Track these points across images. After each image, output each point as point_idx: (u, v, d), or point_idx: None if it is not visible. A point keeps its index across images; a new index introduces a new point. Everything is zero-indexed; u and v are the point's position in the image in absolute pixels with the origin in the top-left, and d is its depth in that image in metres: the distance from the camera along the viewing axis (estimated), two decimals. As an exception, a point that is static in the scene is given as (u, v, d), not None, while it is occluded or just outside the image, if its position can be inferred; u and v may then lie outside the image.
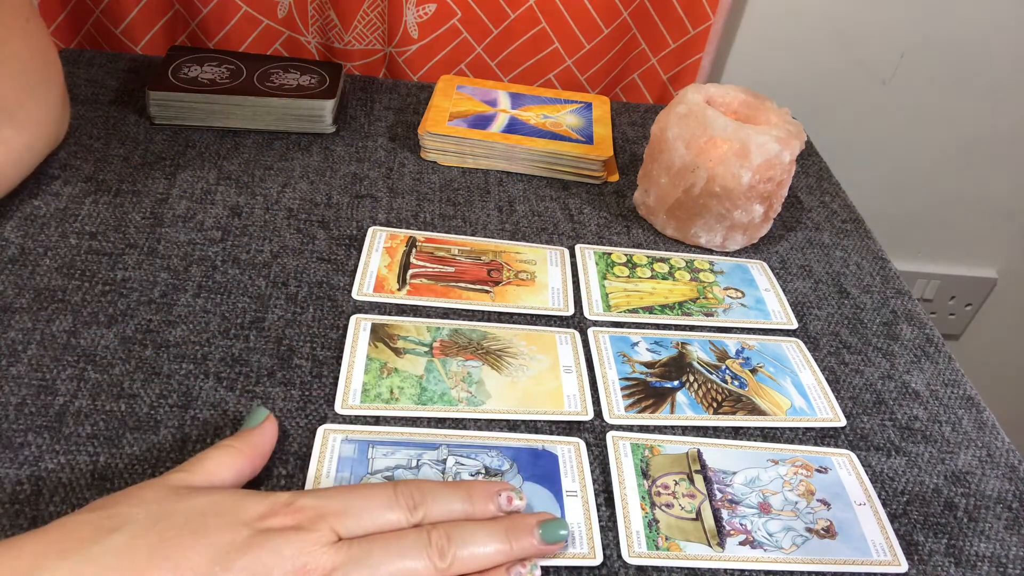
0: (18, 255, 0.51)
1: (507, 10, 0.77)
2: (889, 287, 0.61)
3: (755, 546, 0.41)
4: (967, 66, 0.88)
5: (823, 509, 0.44)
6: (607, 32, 0.79)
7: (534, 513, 0.39)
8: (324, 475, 0.41)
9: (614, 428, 0.46)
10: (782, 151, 0.57)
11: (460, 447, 0.44)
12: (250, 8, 0.74)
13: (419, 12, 0.76)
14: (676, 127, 0.59)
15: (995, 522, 0.45)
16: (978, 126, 0.92)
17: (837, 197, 0.71)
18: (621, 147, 0.73)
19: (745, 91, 0.63)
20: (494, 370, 0.49)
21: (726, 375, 0.51)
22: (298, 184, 0.62)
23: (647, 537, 0.41)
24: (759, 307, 0.57)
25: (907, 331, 0.57)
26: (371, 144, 0.68)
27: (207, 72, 0.67)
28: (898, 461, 0.47)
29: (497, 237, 0.60)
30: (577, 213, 0.64)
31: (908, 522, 0.44)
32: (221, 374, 0.46)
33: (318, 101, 0.66)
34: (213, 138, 0.65)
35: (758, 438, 0.47)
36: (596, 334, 0.52)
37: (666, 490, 0.43)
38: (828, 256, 0.64)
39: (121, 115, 0.66)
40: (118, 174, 0.59)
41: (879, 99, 0.90)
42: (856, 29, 0.84)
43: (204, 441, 0.42)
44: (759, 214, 0.60)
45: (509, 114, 0.71)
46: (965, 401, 0.52)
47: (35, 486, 0.39)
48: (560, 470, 0.43)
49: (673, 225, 0.62)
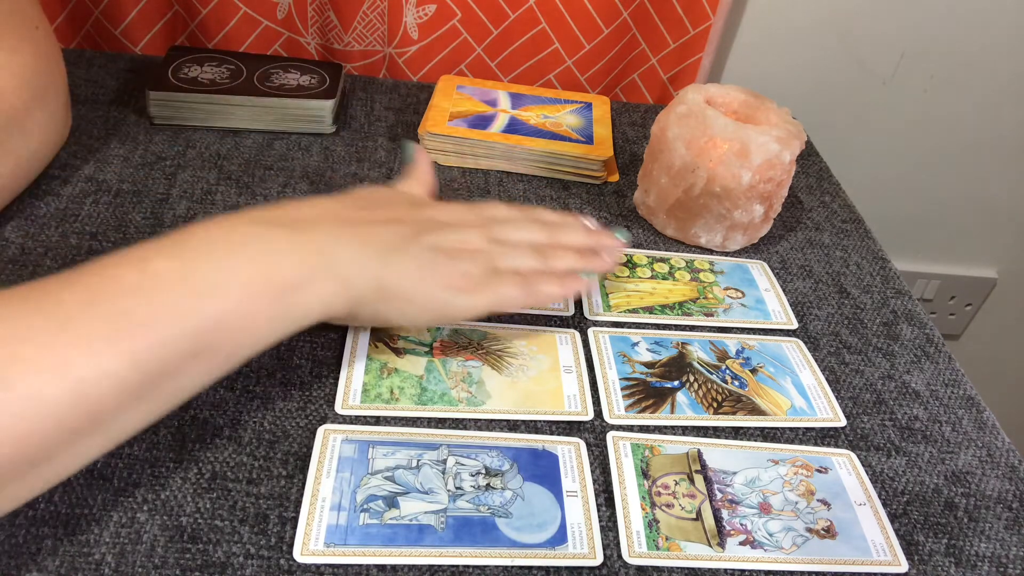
0: (18, 255, 0.51)
1: (507, 10, 0.77)
2: (889, 287, 0.61)
3: (755, 546, 0.41)
4: (967, 66, 0.88)
5: (823, 509, 0.44)
6: (607, 32, 0.79)
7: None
8: (324, 475, 0.41)
9: (614, 428, 0.46)
10: (782, 151, 0.57)
11: (460, 447, 0.44)
12: (249, 9, 0.74)
13: (419, 13, 0.76)
14: (676, 127, 0.59)
15: (995, 522, 0.45)
16: (978, 126, 0.92)
17: (837, 197, 0.71)
18: (621, 147, 0.73)
19: (745, 91, 0.63)
20: (494, 370, 0.49)
21: (726, 375, 0.51)
22: (298, 184, 0.62)
23: (647, 537, 0.41)
24: (759, 307, 0.57)
25: (907, 331, 0.57)
26: (371, 144, 0.68)
27: (207, 72, 0.67)
28: (898, 461, 0.47)
29: (497, 237, 0.60)
30: (577, 213, 0.64)
31: (908, 522, 0.44)
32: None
33: (318, 101, 0.66)
34: (213, 138, 0.65)
35: (758, 438, 0.47)
36: (596, 334, 0.52)
37: (666, 490, 0.43)
38: (828, 256, 0.64)
39: (121, 115, 0.66)
40: (118, 174, 0.59)
41: (879, 99, 0.90)
42: (856, 29, 0.84)
43: (204, 441, 0.42)
44: (759, 214, 0.60)
45: (509, 114, 0.71)
46: (965, 401, 0.52)
47: (35, 486, 0.39)
48: (560, 470, 0.43)
49: (673, 225, 0.62)
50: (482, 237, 0.47)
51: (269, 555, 0.38)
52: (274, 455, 0.42)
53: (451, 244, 0.46)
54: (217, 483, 0.40)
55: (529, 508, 0.41)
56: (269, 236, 0.40)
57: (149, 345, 0.34)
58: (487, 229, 0.48)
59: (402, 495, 0.41)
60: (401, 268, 0.43)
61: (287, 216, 0.42)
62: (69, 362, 0.32)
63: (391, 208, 0.47)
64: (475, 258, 0.46)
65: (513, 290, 0.46)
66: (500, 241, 0.48)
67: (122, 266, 0.36)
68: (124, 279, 0.35)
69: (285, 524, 0.39)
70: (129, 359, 0.33)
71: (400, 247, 0.44)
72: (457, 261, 0.45)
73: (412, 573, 0.38)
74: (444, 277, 0.44)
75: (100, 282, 0.35)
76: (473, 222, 0.49)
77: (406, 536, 0.39)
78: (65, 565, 0.36)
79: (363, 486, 0.41)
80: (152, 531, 0.38)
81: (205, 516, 0.39)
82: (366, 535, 0.39)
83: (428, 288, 0.44)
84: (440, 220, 0.47)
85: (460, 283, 0.45)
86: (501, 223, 0.49)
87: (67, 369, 0.32)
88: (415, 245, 0.44)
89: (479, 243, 0.47)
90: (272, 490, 0.40)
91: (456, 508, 0.41)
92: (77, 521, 0.38)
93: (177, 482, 0.40)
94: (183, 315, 0.35)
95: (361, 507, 0.40)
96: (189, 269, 0.37)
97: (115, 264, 0.36)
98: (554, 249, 0.49)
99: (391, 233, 0.44)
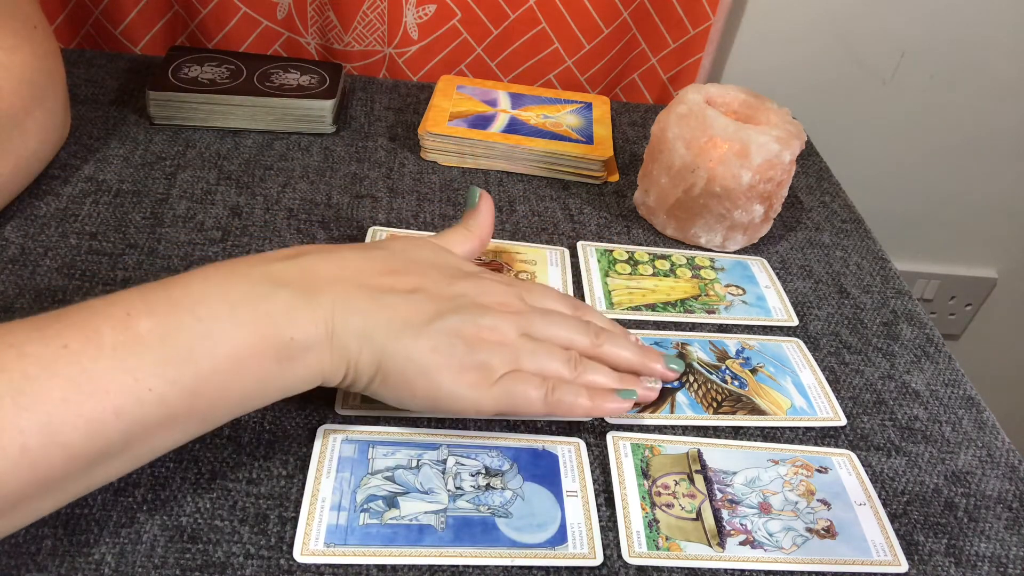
0: (18, 255, 0.51)
1: (507, 10, 0.77)
2: (889, 287, 0.61)
3: (755, 546, 0.41)
4: (967, 66, 0.88)
5: (823, 509, 0.44)
6: (607, 32, 0.79)
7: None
8: (324, 475, 0.41)
9: (614, 428, 0.46)
10: (782, 151, 0.57)
11: (460, 447, 0.44)
12: (249, 9, 0.74)
13: (419, 13, 0.76)
14: (676, 127, 0.59)
15: (995, 522, 0.45)
16: (978, 126, 0.92)
17: (837, 197, 0.71)
18: (621, 147, 0.73)
19: (745, 91, 0.63)
20: (494, 370, 0.48)
21: (726, 375, 0.51)
22: (298, 184, 0.62)
23: (647, 537, 0.41)
24: (760, 304, 0.57)
25: (907, 331, 0.57)
26: (371, 144, 0.68)
27: (207, 72, 0.67)
28: (898, 461, 0.47)
29: (497, 237, 0.60)
30: (577, 213, 0.64)
31: (908, 522, 0.44)
32: (221, 374, 0.46)
33: (318, 101, 0.66)
34: (213, 138, 0.65)
35: (758, 438, 0.47)
36: (596, 334, 0.52)
37: (666, 490, 0.43)
38: (828, 256, 0.64)
39: (121, 115, 0.66)
40: (118, 174, 0.59)
41: (879, 99, 0.90)
42: (856, 29, 0.84)
43: (204, 441, 0.42)
44: (759, 214, 0.60)
45: (509, 114, 0.71)
46: (965, 401, 0.52)
47: (35, 486, 0.39)
48: (560, 470, 0.43)
49: (673, 225, 0.62)
50: (516, 328, 0.42)
51: (269, 555, 0.38)
52: (274, 455, 0.42)
53: (477, 331, 0.41)
54: (217, 483, 0.40)
55: (529, 508, 0.41)
56: (273, 298, 0.37)
57: (104, 413, 0.31)
58: (524, 320, 0.43)
59: (402, 495, 0.41)
60: (411, 350, 0.39)
61: (300, 272, 0.39)
62: (21, 430, 0.30)
63: (422, 274, 0.42)
64: (499, 351, 0.41)
65: (532, 392, 0.41)
66: (534, 336, 0.43)
67: (106, 320, 0.33)
68: (103, 337, 0.32)
69: (285, 524, 0.39)
70: (84, 429, 0.31)
71: (417, 326, 0.39)
72: (476, 352, 0.40)
73: (412, 573, 0.38)
74: (456, 368, 0.40)
75: (77, 335, 0.32)
76: (513, 308, 0.43)
77: (406, 536, 0.39)
78: (65, 565, 0.36)
79: (363, 486, 0.41)
80: (152, 531, 0.38)
81: (205, 516, 0.39)
82: (366, 535, 0.39)
83: (435, 376, 0.40)
84: (476, 300, 0.42)
85: (472, 377, 0.40)
86: (543, 316, 0.44)
87: (14, 436, 0.30)
88: (434, 325, 0.40)
89: (510, 334, 0.42)
90: (272, 490, 0.40)
91: (456, 508, 0.41)
92: (77, 521, 0.38)
93: (177, 482, 0.40)
94: (153, 381, 0.33)
95: (361, 507, 0.40)
96: (171, 329, 0.34)
97: (101, 315, 0.33)
98: (591, 360, 0.45)
99: (411, 307, 0.40)
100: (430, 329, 0.40)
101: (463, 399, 0.40)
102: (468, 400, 0.41)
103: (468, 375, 0.40)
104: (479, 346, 0.41)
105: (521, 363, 0.42)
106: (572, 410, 0.43)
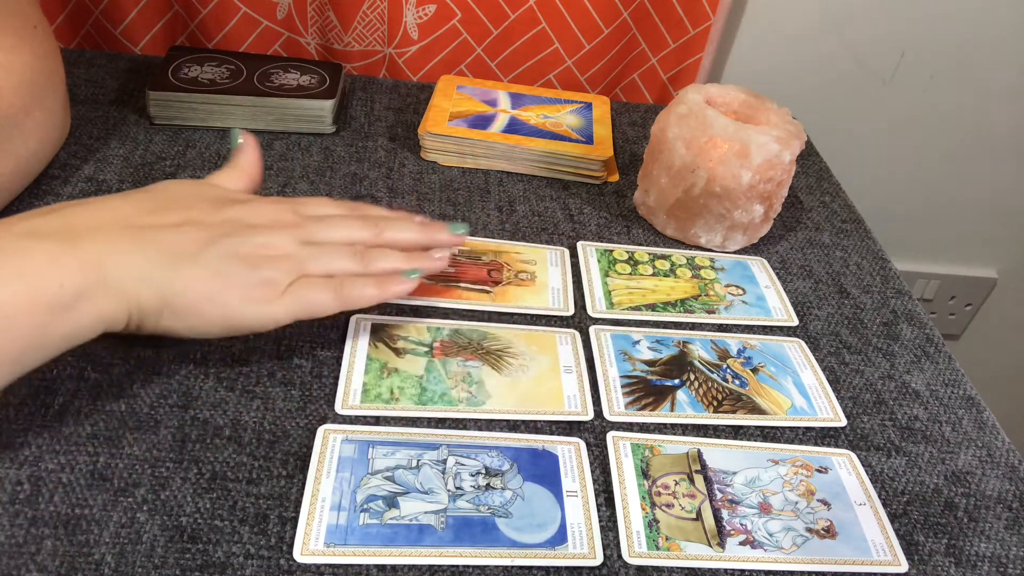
0: (18, 255, 0.51)
1: (507, 10, 0.77)
2: (889, 287, 0.61)
3: (755, 546, 0.41)
4: (967, 66, 0.88)
5: (823, 509, 0.44)
6: (607, 32, 0.79)
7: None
8: (324, 475, 0.41)
9: (614, 427, 0.46)
10: (782, 151, 0.57)
11: (460, 447, 0.44)
12: (249, 9, 0.74)
13: (419, 13, 0.76)
14: (676, 127, 0.59)
15: (995, 522, 0.45)
16: (978, 126, 0.92)
17: (837, 197, 0.71)
18: (621, 147, 0.73)
19: (745, 91, 0.63)
20: (494, 370, 0.49)
21: (727, 374, 0.51)
22: (298, 184, 0.62)
23: (647, 537, 0.41)
24: (760, 304, 0.57)
25: (907, 331, 0.57)
26: (371, 144, 0.68)
27: (207, 72, 0.67)
28: (898, 461, 0.47)
29: (497, 237, 0.60)
30: (577, 213, 0.64)
31: (908, 522, 0.44)
32: (221, 374, 0.46)
33: (318, 101, 0.66)
34: (213, 138, 0.65)
35: (758, 438, 0.47)
36: (598, 332, 0.52)
37: (666, 490, 0.43)
38: (828, 256, 0.64)
39: (121, 115, 0.66)
40: (118, 174, 0.59)
41: (879, 99, 0.90)
42: (856, 29, 0.84)
43: (204, 441, 0.42)
44: (759, 214, 0.60)
45: (509, 114, 0.71)
46: (965, 401, 0.52)
47: (35, 486, 0.39)
48: (560, 470, 0.43)
49: (673, 225, 0.62)
50: (293, 239, 0.44)
51: (269, 555, 0.38)
52: (274, 455, 0.42)
53: (253, 249, 0.42)
54: (217, 483, 0.40)
55: (529, 508, 0.41)
56: (33, 251, 0.36)
57: None
58: (301, 229, 0.45)
59: (402, 495, 0.41)
60: (191, 279, 0.40)
61: (60, 224, 0.38)
62: None
63: (189, 208, 0.43)
64: (280, 264, 0.42)
65: (321, 294, 0.43)
66: (315, 242, 0.45)
67: None
68: None
69: (285, 524, 0.39)
70: None
71: (191, 255, 0.40)
72: (258, 269, 0.42)
73: (412, 573, 0.38)
74: (241, 287, 0.41)
75: None
76: (286, 222, 0.45)
77: (406, 536, 0.39)
78: (65, 565, 0.36)
79: (363, 486, 0.41)
80: (152, 531, 0.38)
81: (205, 516, 0.39)
82: (366, 535, 0.39)
83: (221, 300, 0.40)
84: (246, 221, 0.43)
85: (259, 293, 0.41)
86: (318, 222, 0.46)
87: None
88: (209, 252, 0.41)
89: (288, 246, 0.43)
90: (272, 490, 0.40)
91: (456, 508, 0.41)
92: (77, 521, 0.38)
93: (177, 482, 0.40)
94: None
95: (361, 507, 0.40)
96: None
97: None
98: (378, 248, 0.46)
99: (183, 239, 0.40)
100: (206, 255, 0.41)
101: (255, 316, 0.42)
102: (261, 315, 0.42)
103: (255, 291, 0.41)
104: (258, 263, 0.42)
105: (307, 269, 0.43)
106: (362, 300, 0.44)
